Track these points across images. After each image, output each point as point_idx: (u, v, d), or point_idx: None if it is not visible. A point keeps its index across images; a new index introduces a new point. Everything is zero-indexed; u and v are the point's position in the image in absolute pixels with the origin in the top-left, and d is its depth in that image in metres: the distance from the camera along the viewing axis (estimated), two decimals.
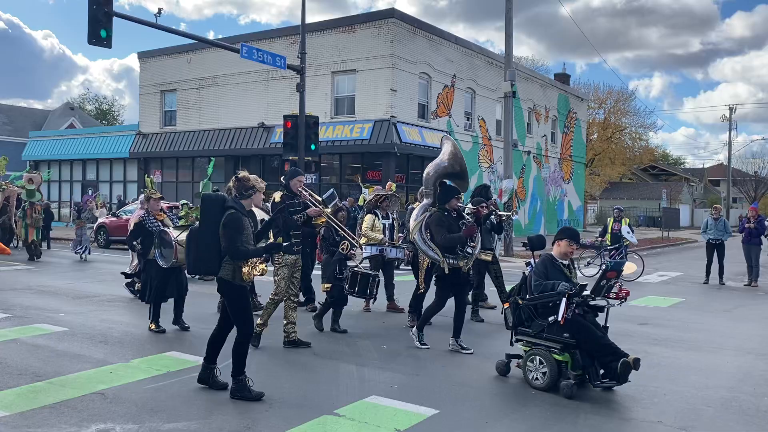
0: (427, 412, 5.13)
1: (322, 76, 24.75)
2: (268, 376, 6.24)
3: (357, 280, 8.20)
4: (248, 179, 5.51)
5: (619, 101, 52.71)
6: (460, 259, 7.05)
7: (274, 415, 5.05)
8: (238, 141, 27.26)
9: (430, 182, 7.49)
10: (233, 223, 5.23)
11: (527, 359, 5.91)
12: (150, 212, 8.20)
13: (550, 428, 4.95)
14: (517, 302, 6.08)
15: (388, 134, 22.99)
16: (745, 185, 67.75)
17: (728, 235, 14.79)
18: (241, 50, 17.37)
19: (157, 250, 7.81)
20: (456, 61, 26.93)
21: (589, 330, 5.68)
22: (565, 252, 6.13)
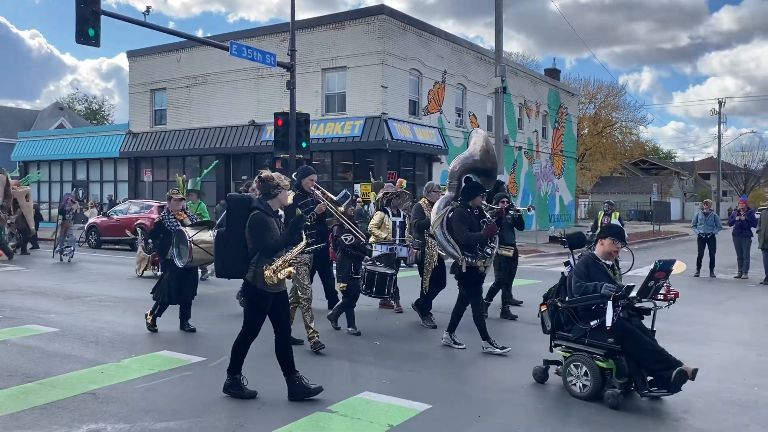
0: (419, 407, 5.13)
1: (313, 73, 24.70)
2: (261, 373, 6.21)
3: (374, 280, 7.98)
4: (272, 178, 5.32)
5: (609, 96, 52.94)
6: (479, 258, 6.88)
7: (266, 412, 5.05)
8: (229, 139, 27.17)
9: (455, 176, 7.24)
10: (259, 223, 5.10)
11: (568, 366, 5.54)
12: (170, 212, 8.14)
13: (543, 421, 4.96)
14: (555, 305, 5.72)
15: (379, 131, 22.98)
16: (735, 178, 68.20)
17: (718, 228, 14.88)
18: (230, 48, 17.30)
19: (174, 250, 7.74)
20: (446, 57, 26.93)
21: (637, 335, 5.29)
22: (609, 251, 5.71)
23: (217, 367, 6.38)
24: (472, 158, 7.25)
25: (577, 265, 5.69)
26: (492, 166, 7.33)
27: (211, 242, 7.67)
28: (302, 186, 7.02)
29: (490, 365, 6.61)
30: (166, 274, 7.98)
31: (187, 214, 8.30)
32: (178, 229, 7.80)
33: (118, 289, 11.66)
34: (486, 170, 7.31)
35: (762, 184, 68.02)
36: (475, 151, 7.26)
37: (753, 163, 68.68)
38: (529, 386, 5.84)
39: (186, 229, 7.77)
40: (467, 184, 7.11)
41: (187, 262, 7.61)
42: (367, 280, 7.96)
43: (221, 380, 5.96)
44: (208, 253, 7.62)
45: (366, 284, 7.97)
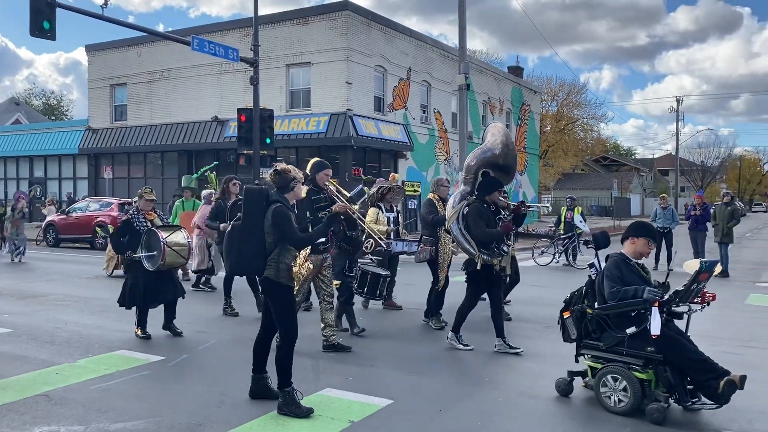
0: (381, 402, 5.13)
1: (277, 68, 24.49)
2: (224, 370, 6.15)
3: (367, 280, 7.67)
4: (288, 171, 5.05)
5: (571, 93, 53.80)
6: (495, 256, 6.68)
7: (226, 410, 4.98)
8: (192, 135, 26.77)
9: (472, 170, 7.00)
10: (283, 216, 4.84)
11: (601, 378, 5.04)
12: (140, 210, 7.63)
13: (502, 415, 5.01)
14: (583, 311, 5.26)
15: (344, 127, 22.91)
16: (693, 174, 70.05)
17: (676, 223, 15.23)
18: (192, 42, 17.03)
19: (143, 251, 7.28)
20: (411, 54, 26.98)
21: (680, 342, 4.87)
22: (642, 252, 5.32)
23: (176, 366, 6.29)
24: (491, 152, 6.97)
25: (608, 267, 5.18)
26: (512, 161, 7.06)
27: (184, 244, 7.46)
28: (316, 181, 6.61)
29: (453, 360, 6.65)
30: (131, 278, 7.48)
31: (156, 214, 7.91)
32: (149, 229, 7.40)
33: (77, 289, 11.39)
34: (505, 165, 7.04)
35: (718, 180, 70.02)
36: (495, 145, 6.98)
37: (709, 159, 70.73)
38: (491, 380, 5.89)
39: (159, 230, 7.35)
40: (485, 179, 6.90)
41: (159, 265, 7.20)
42: (360, 279, 7.69)
43: (180, 379, 5.90)
44: (180, 256, 7.37)
45: (358, 284, 7.69)
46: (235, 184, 9.30)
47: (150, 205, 7.72)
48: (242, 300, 9.20)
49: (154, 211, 7.83)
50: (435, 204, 8.26)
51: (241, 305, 9.01)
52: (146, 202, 7.68)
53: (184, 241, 7.47)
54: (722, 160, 72.11)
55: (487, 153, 7.01)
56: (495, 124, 7.50)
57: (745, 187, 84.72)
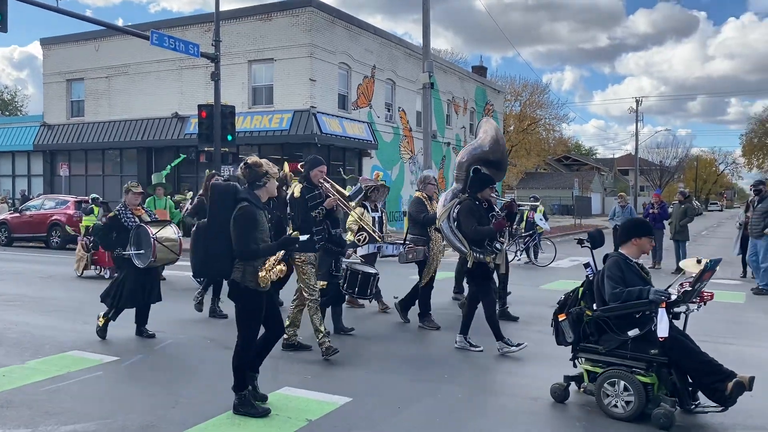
0: (339, 400, 5.08)
1: (239, 65, 24.19)
2: (179, 370, 6.03)
3: (357, 280, 7.46)
4: (260, 164, 4.77)
5: (534, 94, 54.50)
6: (488, 253, 6.56)
7: (180, 411, 4.87)
8: (151, 132, 26.26)
9: (463, 167, 6.89)
10: (245, 219, 4.54)
11: (603, 383, 4.84)
12: (127, 206, 7.34)
13: (459, 412, 5.01)
14: (581, 313, 5.05)
15: (308, 125, 22.75)
16: (651, 174, 71.65)
17: None
18: (151, 37, 16.72)
19: (132, 248, 7.04)
20: (375, 51, 26.95)
21: (684, 344, 4.71)
22: (645, 250, 5.18)
23: (130, 367, 6.14)
24: (481, 149, 6.90)
25: (609, 268, 4.98)
26: (502, 157, 7.01)
27: (175, 240, 7.19)
28: (310, 178, 6.36)
29: (415, 358, 6.63)
30: (122, 276, 7.23)
31: (144, 210, 7.64)
32: (138, 225, 7.14)
33: (30, 289, 11.05)
34: (496, 161, 6.94)
35: (676, 179, 71.80)
36: (485, 142, 6.91)
37: (667, 159, 72.43)
38: (451, 375, 5.89)
39: (148, 226, 7.10)
40: (476, 176, 6.79)
41: (150, 261, 6.97)
42: (349, 279, 7.46)
43: (134, 380, 5.75)
44: (172, 251, 7.13)
45: (348, 284, 7.47)
46: (218, 180, 9.11)
47: (138, 199, 7.46)
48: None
49: (141, 206, 7.57)
50: (423, 202, 8.09)
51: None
52: (134, 195, 7.39)
53: (174, 236, 7.21)
54: (680, 160, 73.90)
55: (477, 150, 6.92)
56: (487, 120, 7.40)
57: (702, 187, 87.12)
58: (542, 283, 11.81)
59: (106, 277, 12.27)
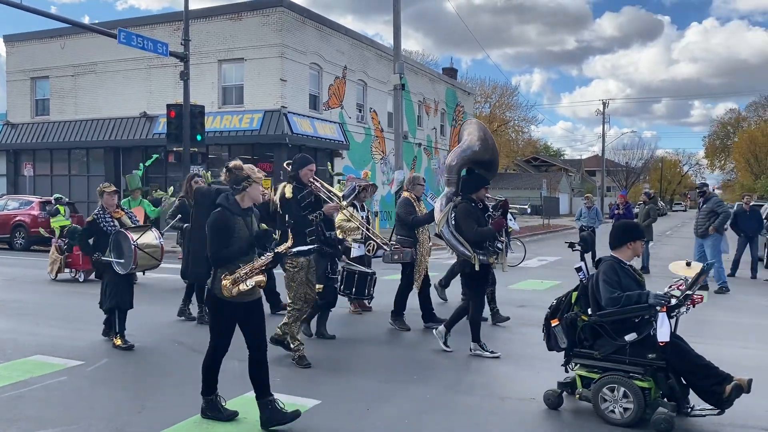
0: (308, 403, 5.09)
1: (208, 64, 23.95)
2: (146, 375, 5.97)
3: (354, 280, 7.33)
4: (240, 168, 4.61)
5: (504, 96, 55.14)
6: (490, 254, 6.51)
7: (147, 416, 4.83)
8: (119, 131, 25.85)
9: (454, 170, 6.81)
10: (214, 225, 4.44)
11: (601, 388, 4.76)
12: (105, 209, 7.03)
13: (427, 413, 5.05)
14: (575, 318, 4.97)
15: (278, 125, 22.63)
16: (618, 175, 72.89)
17: (599, 222, 15.83)
18: (118, 35, 16.49)
19: (112, 254, 6.79)
20: (347, 52, 26.94)
21: (681, 347, 4.70)
22: (637, 253, 5.15)
23: (95, 371, 6.05)
24: (470, 149, 6.83)
25: (605, 272, 4.90)
26: (492, 156, 6.93)
27: (156, 246, 6.92)
28: (300, 177, 6.17)
29: (384, 360, 6.67)
30: (105, 280, 7.04)
31: (125, 211, 7.32)
32: (118, 231, 6.87)
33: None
34: (486, 161, 6.88)
35: (641, 180, 73.13)
36: (473, 142, 6.85)
37: (633, 160, 73.78)
38: (420, 376, 5.94)
39: (129, 231, 6.82)
40: (468, 177, 6.75)
41: (132, 268, 6.77)
42: (347, 280, 7.35)
43: (100, 384, 5.68)
44: (153, 258, 6.87)
45: (345, 285, 7.36)
46: (197, 182, 8.62)
47: (114, 199, 7.14)
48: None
49: (120, 207, 7.30)
50: (412, 203, 7.98)
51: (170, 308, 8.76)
52: (109, 196, 7.06)
53: (156, 242, 6.93)
54: (645, 161, 75.32)
55: (467, 151, 6.84)
56: (470, 121, 7.35)
57: (666, 188, 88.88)
58: (511, 282, 11.95)
59: (80, 280, 12.02)
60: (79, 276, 12.18)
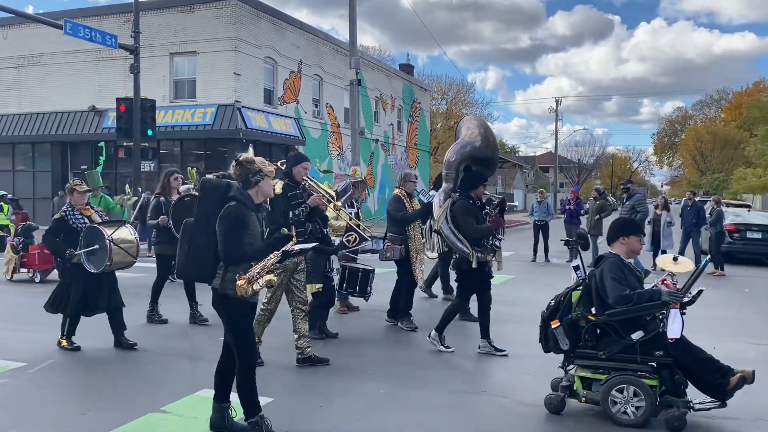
0: (260, 401, 5.01)
1: (160, 57, 23.41)
2: (92, 376, 5.79)
3: (357, 278, 7.19)
4: (252, 161, 4.36)
5: (460, 93, 55.56)
6: (488, 252, 6.46)
7: (93, 417, 4.69)
8: (66, 126, 25.04)
9: (452, 166, 6.71)
10: (232, 219, 4.16)
11: (610, 390, 4.66)
12: (74, 206, 6.73)
13: (380, 407, 5.05)
14: (576, 320, 4.85)
15: (232, 120, 22.29)
16: (570, 171, 74.39)
17: (551, 216, 16.12)
18: (64, 26, 15.97)
19: (83, 252, 6.45)
20: (302, 47, 26.72)
21: (685, 343, 4.68)
22: (635, 249, 5.09)
23: (38, 373, 5.84)
24: (471, 145, 6.71)
25: (611, 270, 4.80)
26: (493, 153, 6.84)
27: (132, 241, 6.63)
28: (293, 175, 6.03)
29: (339, 356, 6.62)
30: (67, 282, 6.70)
31: (93, 209, 7.00)
32: (90, 226, 6.55)
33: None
34: (487, 158, 6.79)
35: (593, 176, 74.83)
36: (474, 138, 6.74)
37: (585, 157, 75.41)
38: (373, 372, 5.93)
39: (102, 227, 6.52)
40: (467, 174, 6.65)
41: (106, 266, 6.42)
42: (349, 278, 7.20)
43: (43, 387, 5.49)
44: (129, 254, 6.58)
45: (347, 283, 7.21)
46: (177, 179, 8.29)
47: (84, 199, 6.84)
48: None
49: (89, 205, 6.99)
50: (403, 200, 7.85)
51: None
52: (80, 195, 6.76)
53: (131, 237, 6.65)
54: (597, 158, 77.08)
55: (467, 147, 6.74)
56: (469, 117, 7.19)
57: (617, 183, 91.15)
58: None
59: (36, 281, 11.51)
60: (36, 276, 11.62)
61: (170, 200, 7.99)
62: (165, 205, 7.97)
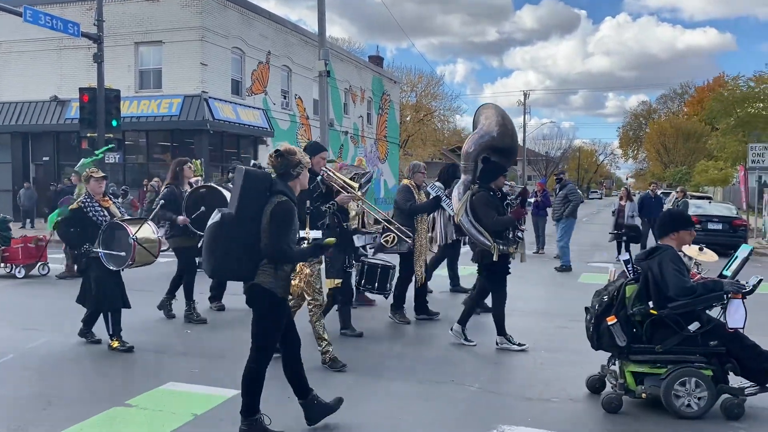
0: (227, 393, 4.99)
1: (124, 46, 22.93)
2: (53, 370, 5.68)
3: (376, 274, 6.96)
4: (294, 152, 4.17)
5: (429, 85, 55.62)
6: (510, 244, 6.32)
7: (53, 412, 4.60)
8: (27, 116, 24.39)
9: (471, 157, 6.51)
10: (285, 216, 3.98)
11: (673, 384, 4.61)
12: (92, 196, 6.32)
13: (348, 398, 5.05)
14: (636, 313, 4.75)
15: (199, 110, 21.98)
16: (538, 164, 75.22)
17: None
18: (24, 13, 15.51)
19: (101, 248, 6.08)
20: (270, 37, 26.44)
21: (739, 333, 4.69)
22: (687, 242, 5.02)
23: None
24: (489, 135, 6.51)
25: (673, 261, 4.72)
26: (512, 142, 6.66)
27: (155, 240, 6.33)
28: (312, 165, 5.61)
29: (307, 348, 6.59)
30: (93, 275, 6.26)
31: (112, 201, 6.61)
32: (113, 222, 6.20)
33: None
34: (507, 148, 6.60)
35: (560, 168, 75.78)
36: (492, 127, 6.52)
37: (552, 150, 76.35)
38: (349, 363, 5.89)
39: (125, 223, 6.23)
40: (487, 165, 6.48)
41: (127, 265, 6.14)
42: (368, 274, 6.96)
43: (3, 381, 5.39)
44: (151, 254, 6.28)
45: (366, 279, 6.98)
46: (190, 168, 7.77)
47: (102, 187, 6.42)
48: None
49: (107, 196, 6.56)
50: (412, 191, 7.60)
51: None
52: (96, 182, 6.33)
53: (154, 236, 6.38)
54: (564, 150, 78.09)
55: (485, 137, 6.53)
56: (486, 105, 6.93)
57: (583, 176, 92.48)
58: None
59: (19, 276, 11.00)
60: (19, 271, 11.08)
61: (182, 190, 7.53)
62: (177, 194, 7.45)
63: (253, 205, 4.02)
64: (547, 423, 4.53)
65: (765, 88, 33.11)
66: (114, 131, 17.44)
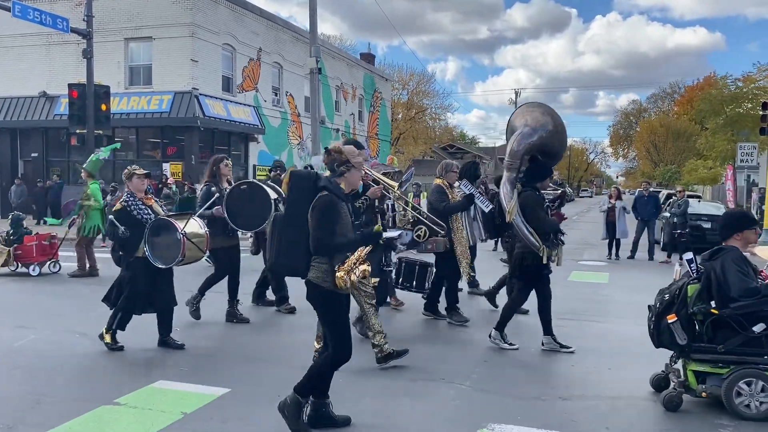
0: (217, 392, 4.97)
1: (114, 42, 22.78)
2: (42, 368, 5.64)
3: (414, 272, 6.83)
4: (339, 151, 4.31)
5: (421, 83, 55.62)
6: (554, 247, 6.19)
7: (42, 410, 4.57)
8: (15, 112, 24.19)
9: (518, 155, 6.28)
10: (324, 209, 4.07)
11: (737, 381, 4.60)
12: (135, 195, 6.17)
13: (339, 396, 5.05)
14: (697, 312, 4.73)
15: (189, 107, 21.88)
16: None
17: None
18: (12, 8, 15.40)
19: (146, 246, 5.97)
20: (261, 34, 26.36)
21: None
22: (750, 242, 4.98)
23: None
24: (539, 134, 6.24)
25: (737, 263, 4.69)
26: (561, 145, 6.41)
27: (203, 235, 6.23)
28: None
29: (295, 348, 6.59)
30: (128, 275, 6.15)
31: (154, 199, 6.47)
32: (160, 218, 6.10)
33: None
34: (554, 149, 6.39)
35: None
36: (541, 125, 6.28)
37: None
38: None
39: (171, 219, 6.13)
40: (534, 165, 6.28)
41: (177, 261, 6.01)
42: (405, 272, 6.86)
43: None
44: (199, 249, 6.22)
45: (404, 277, 6.87)
46: (227, 165, 7.55)
47: (144, 185, 6.30)
48: None
49: (150, 194, 6.44)
50: (445, 191, 7.49)
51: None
52: (139, 180, 6.20)
53: (202, 231, 6.27)
54: None
55: (534, 136, 6.28)
56: (529, 104, 6.78)
57: (574, 174, 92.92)
58: None
59: (33, 274, 10.79)
60: (34, 270, 10.85)
61: (222, 188, 7.29)
62: (213, 193, 7.17)
63: (300, 203, 4.18)
64: (537, 421, 4.54)
65: (753, 88, 33.37)
66: (103, 127, 17.38)
